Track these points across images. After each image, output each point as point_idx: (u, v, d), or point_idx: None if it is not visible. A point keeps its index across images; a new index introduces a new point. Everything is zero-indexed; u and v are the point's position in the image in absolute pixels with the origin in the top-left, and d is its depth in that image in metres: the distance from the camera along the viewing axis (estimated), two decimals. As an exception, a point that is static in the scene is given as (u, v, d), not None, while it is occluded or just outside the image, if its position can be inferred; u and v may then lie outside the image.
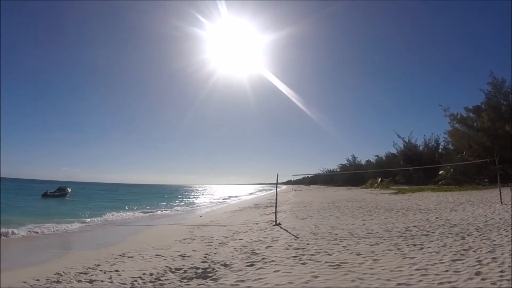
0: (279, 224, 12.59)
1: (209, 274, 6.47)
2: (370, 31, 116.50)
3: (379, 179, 46.77)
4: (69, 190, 49.48)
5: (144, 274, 6.90)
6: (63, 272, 7.55)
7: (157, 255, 8.92)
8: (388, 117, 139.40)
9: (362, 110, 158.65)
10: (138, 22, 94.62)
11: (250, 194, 75.93)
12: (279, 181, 15.92)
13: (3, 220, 16.95)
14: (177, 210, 31.92)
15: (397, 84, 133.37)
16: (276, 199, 15.37)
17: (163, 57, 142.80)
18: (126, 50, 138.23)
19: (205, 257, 8.15)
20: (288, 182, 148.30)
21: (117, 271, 7.34)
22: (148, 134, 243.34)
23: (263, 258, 7.16)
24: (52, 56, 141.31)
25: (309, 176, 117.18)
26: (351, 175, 63.14)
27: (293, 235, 9.87)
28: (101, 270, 7.51)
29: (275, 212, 14.26)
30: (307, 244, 8.33)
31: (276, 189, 16.71)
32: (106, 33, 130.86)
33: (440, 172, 37.14)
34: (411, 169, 43.36)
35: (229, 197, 62.07)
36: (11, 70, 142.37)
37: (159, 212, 28.87)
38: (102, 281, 6.60)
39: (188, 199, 53.37)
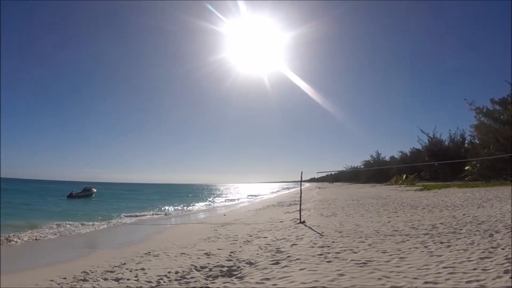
0: (304, 222, 12.55)
1: (234, 272, 6.51)
2: (392, 26, 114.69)
3: (404, 176, 46.09)
4: (95, 190, 50.18)
5: (169, 272, 7.00)
6: (90, 270, 7.73)
7: (182, 253, 9.03)
8: (412, 112, 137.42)
9: (386, 105, 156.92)
10: (157, 22, 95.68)
11: (274, 192, 75.84)
12: (302, 179, 15.88)
13: (30, 223, 17.41)
14: (201, 209, 32.29)
15: (420, 78, 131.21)
16: (301, 197, 15.34)
17: (182, 55, 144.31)
18: (145, 51, 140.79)
19: (230, 255, 8.19)
20: (311, 180, 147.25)
21: (142, 269, 7.47)
22: (170, 134, 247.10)
23: (288, 256, 7.16)
24: (72, 58, 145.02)
25: (333, 173, 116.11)
26: (376, 172, 62.42)
27: (318, 233, 9.82)
28: (127, 269, 7.66)
29: (300, 210, 14.23)
30: (332, 242, 8.27)
31: (301, 187, 16.68)
32: (124, 34, 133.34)
33: (466, 168, 36.33)
34: (436, 164, 42.56)
35: (253, 195, 62.26)
36: (33, 71, 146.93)
37: (183, 211, 29.26)
38: (128, 279, 6.72)
39: (212, 198, 53.68)
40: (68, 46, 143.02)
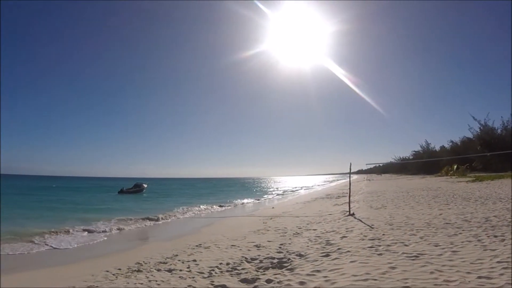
0: (353, 214, 12.45)
1: (284, 264, 6.58)
2: (438, 11, 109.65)
3: (455, 166, 44.17)
4: (145, 186, 50.81)
5: (221, 263, 7.18)
6: (143, 261, 8.08)
7: (232, 245, 9.24)
8: (462, 98, 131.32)
9: (434, 92, 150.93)
10: (202, 15, 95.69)
11: (321, 184, 75.17)
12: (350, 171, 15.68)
13: (85, 217, 18.38)
14: (249, 201, 32.61)
15: (469, 63, 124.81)
16: (350, 188, 15.17)
17: (225, 48, 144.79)
18: (189, 44, 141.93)
19: (280, 247, 8.30)
20: (359, 172, 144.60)
21: (194, 260, 7.72)
22: (217, 128, 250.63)
23: (339, 249, 7.16)
24: (118, 57, 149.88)
25: (381, 165, 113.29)
26: (425, 163, 60.16)
27: (368, 225, 9.72)
28: (179, 260, 7.95)
29: (349, 202, 14.10)
30: (383, 234, 8.17)
31: (350, 179, 16.47)
32: (168, 31, 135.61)
33: (520, 157, 34.23)
34: (488, 154, 40.34)
35: (300, 187, 62.08)
36: (82, 72, 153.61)
37: (231, 204, 29.71)
38: (180, 270, 6.96)
39: (259, 191, 54.07)
40: (115, 44, 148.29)
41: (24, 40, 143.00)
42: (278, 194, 44.27)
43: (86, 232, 14.10)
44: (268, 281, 5.59)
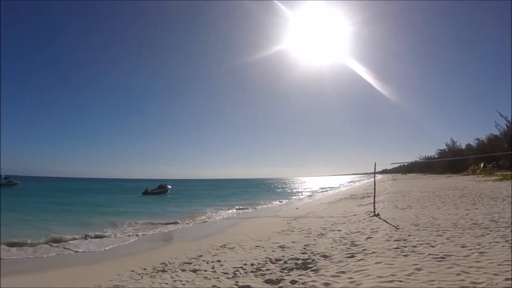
0: (378, 214, 12.31)
1: (309, 265, 6.58)
2: (461, 12, 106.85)
3: (482, 165, 42.94)
4: (170, 187, 51.18)
5: (245, 264, 7.24)
6: (168, 262, 8.23)
7: (256, 246, 9.29)
8: (489, 95, 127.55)
9: (460, 89, 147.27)
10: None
11: (347, 185, 74.36)
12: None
13: (111, 219, 18.78)
14: (273, 202, 32.59)
15: (496, 59, 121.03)
16: (374, 189, 15.00)
17: (244, 47, 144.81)
18: (209, 45, 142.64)
19: (304, 248, 8.29)
20: (383, 172, 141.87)
21: (219, 261, 7.82)
22: (237, 129, 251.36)
23: (364, 250, 7.09)
24: (140, 59, 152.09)
25: (406, 164, 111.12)
26: (450, 161, 58.67)
27: (393, 226, 9.57)
28: (203, 260, 8.07)
29: (373, 202, 13.94)
30: (408, 235, 8.04)
31: (374, 178, 16.27)
32: (189, 33, 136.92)
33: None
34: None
35: (324, 188, 61.70)
36: (105, 75, 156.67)
37: (255, 205, 29.73)
38: (205, 270, 7.06)
39: (284, 192, 53.94)
40: (136, 46, 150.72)
41: (50, 43, 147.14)
42: (302, 194, 43.88)
43: (113, 235, 14.40)
44: (293, 282, 5.62)
